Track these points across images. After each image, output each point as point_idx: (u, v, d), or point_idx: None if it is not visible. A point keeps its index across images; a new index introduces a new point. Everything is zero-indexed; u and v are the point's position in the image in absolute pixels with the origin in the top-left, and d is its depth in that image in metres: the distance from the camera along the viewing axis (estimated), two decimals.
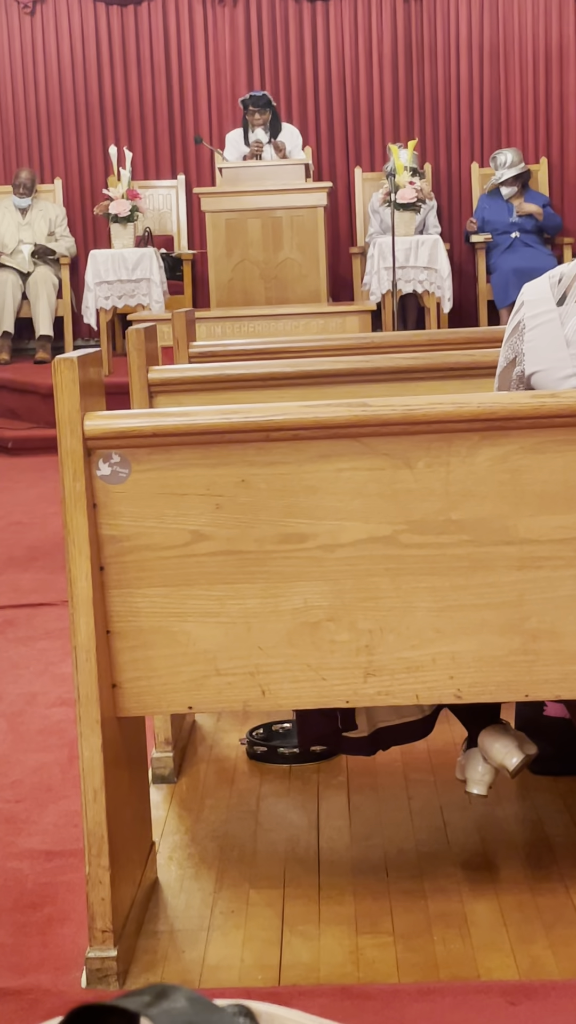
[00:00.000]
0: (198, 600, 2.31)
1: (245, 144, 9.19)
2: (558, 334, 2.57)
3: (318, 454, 2.27)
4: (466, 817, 2.89)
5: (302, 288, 8.45)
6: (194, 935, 2.46)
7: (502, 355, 2.69)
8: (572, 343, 2.55)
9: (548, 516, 2.26)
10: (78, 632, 2.27)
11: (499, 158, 9.45)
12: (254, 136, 9.14)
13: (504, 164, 9.39)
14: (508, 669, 2.31)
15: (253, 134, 9.17)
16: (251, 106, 9.15)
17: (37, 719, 3.58)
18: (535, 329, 2.60)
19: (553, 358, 2.57)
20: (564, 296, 2.58)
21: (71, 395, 2.23)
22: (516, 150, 9.56)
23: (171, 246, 9.98)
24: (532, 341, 2.60)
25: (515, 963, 2.31)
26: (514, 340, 2.65)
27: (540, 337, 2.59)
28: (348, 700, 2.35)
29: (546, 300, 2.60)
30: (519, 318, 2.64)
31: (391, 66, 10.13)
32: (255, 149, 9.05)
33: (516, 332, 2.64)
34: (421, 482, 2.26)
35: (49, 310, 9.14)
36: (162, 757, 3.18)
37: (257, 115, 9.15)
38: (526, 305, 2.63)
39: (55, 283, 9.20)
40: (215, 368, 3.51)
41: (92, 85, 10.20)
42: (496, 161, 9.46)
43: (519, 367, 2.63)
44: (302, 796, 3.06)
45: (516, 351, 2.64)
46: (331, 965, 2.34)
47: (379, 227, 9.31)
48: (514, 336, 2.65)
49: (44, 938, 2.45)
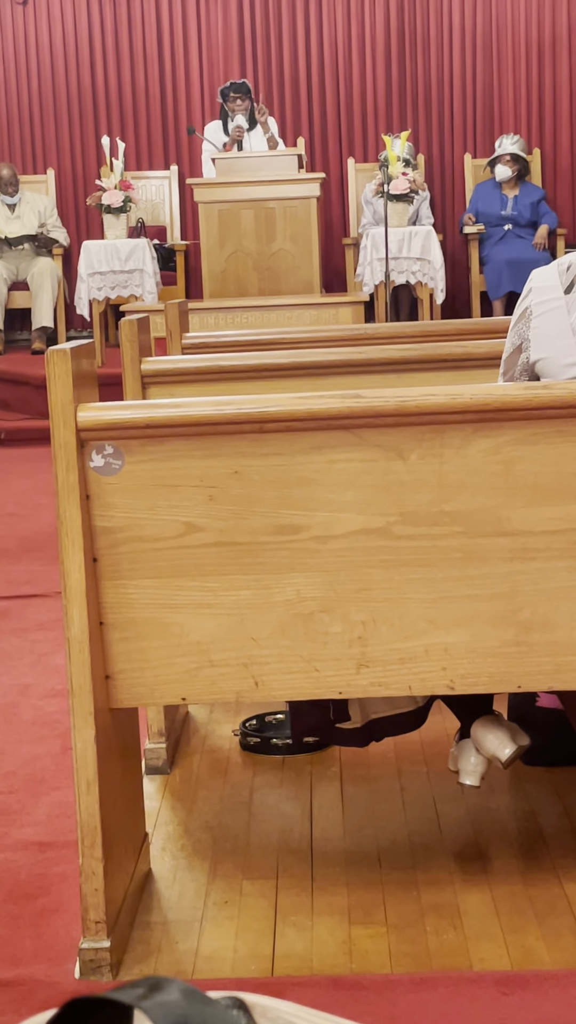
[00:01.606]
0: (191, 591, 2.31)
1: (224, 133, 9.16)
2: (564, 322, 2.57)
3: (311, 446, 2.26)
4: (459, 808, 2.90)
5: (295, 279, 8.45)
6: (187, 926, 2.46)
7: (508, 341, 2.70)
8: None
9: (541, 508, 2.27)
10: (71, 624, 2.27)
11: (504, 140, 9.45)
12: (234, 123, 9.11)
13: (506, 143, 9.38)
14: (501, 660, 2.31)
15: (233, 121, 9.14)
16: (232, 92, 9.13)
17: (30, 710, 3.58)
18: (542, 316, 2.60)
19: (559, 345, 2.57)
20: (572, 284, 2.58)
21: (64, 386, 2.23)
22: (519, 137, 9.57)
23: (164, 237, 9.96)
24: (538, 328, 2.60)
25: (507, 953, 2.32)
26: (521, 326, 2.65)
27: (546, 324, 2.59)
28: (341, 691, 2.35)
29: (554, 287, 2.60)
30: (526, 304, 2.64)
31: (384, 57, 10.12)
32: (236, 135, 9.02)
33: (523, 318, 2.64)
34: (414, 474, 2.26)
35: (50, 302, 9.12)
36: (155, 748, 3.18)
37: (239, 101, 9.13)
38: (534, 292, 2.63)
39: (58, 275, 9.18)
40: (208, 359, 3.51)
41: (85, 75, 10.18)
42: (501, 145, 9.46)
43: (525, 353, 2.63)
44: (295, 787, 3.06)
45: (522, 337, 2.64)
46: (324, 956, 2.34)
47: (372, 218, 9.30)
48: (521, 322, 2.65)
49: (37, 929, 2.45)
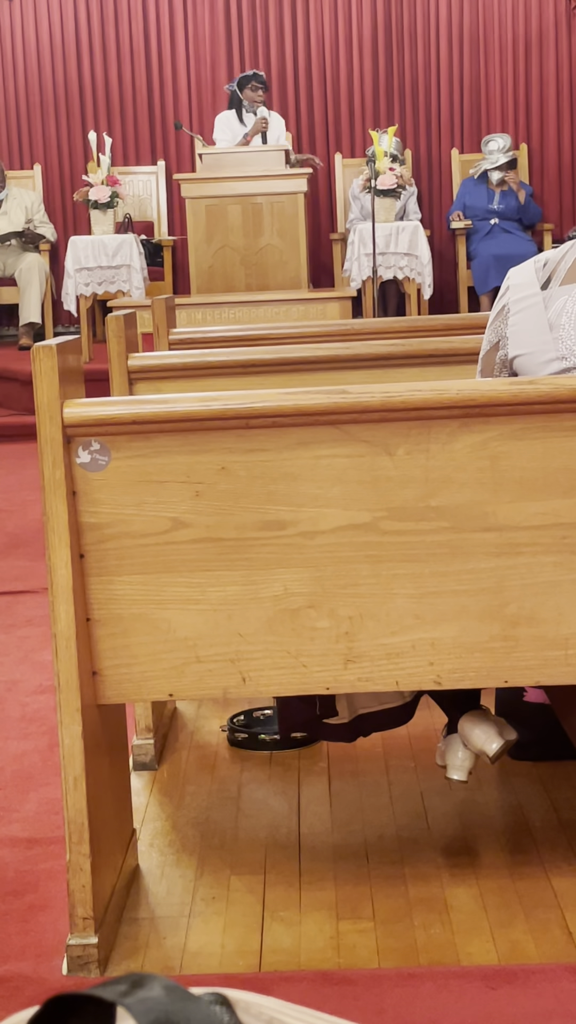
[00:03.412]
0: (178, 587, 2.31)
1: (241, 123, 9.13)
2: (542, 318, 2.57)
3: (298, 441, 2.26)
4: (446, 803, 2.90)
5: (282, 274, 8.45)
6: (175, 922, 2.47)
7: (486, 339, 2.70)
8: (555, 327, 2.55)
9: (527, 503, 2.27)
10: (58, 620, 2.27)
11: (491, 144, 9.44)
12: (259, 115, 9.08)
13: (498, 149, 9.38)
14: (488, 655, 2.32)
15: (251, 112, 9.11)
16: (253, 81, 9.11)
17: (17, 707, 3.58)
18: (519, 313, 2.60)
19: (536, 341, 2.57)
20: (548, 280, 2.58)
21: (50, 382, 2.23)
22: (507, 135, 9.57)
23: (151, 232, 9.95)
24: (516, 325, 2.60)
25: (495, 948, 2.32)
26: (498, 324, 2.65)
27: (524, 321, 2.59)
28: (328, 687, 2.35)
29: (531, 284, 2.60)
30: (504, 302, 2.64)
31: (371, 52, 10.12)
32: (261, 125, 8.98)
33: (500, 316, 2.64)
34: (401, 469, 2.26)
35: (38, 298, 9.11)
36: (143, 744, 3.18)
37: (261, 92, 9.12)
38: (511, 289, 2.64)
39: (45, 271, 9.17)
40: (195, 355, 3.51)
41: (71, 71, 10.16)
42: (488, 147, 9.45)
43: (503, 351, 2.63)
44: (283, 782, 3.07)
45: (500, 335, 2.64)
46: (312, 951, 2.34)
47: (359, 213, 9.30)
48: (498, 320, 2.65)
49: (25, 925, 2.45)
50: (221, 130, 9.20)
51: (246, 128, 9.09)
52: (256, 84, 9.12)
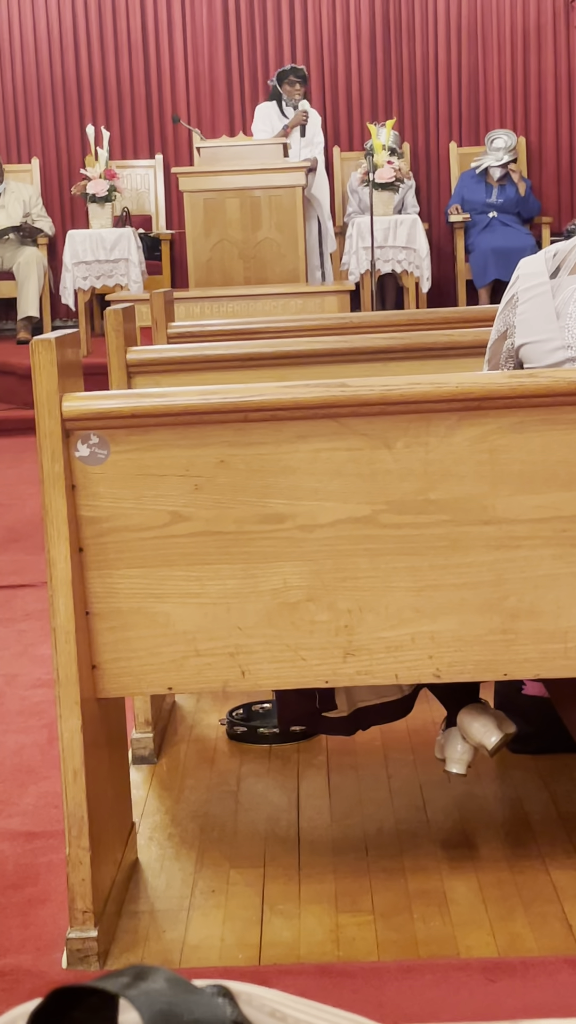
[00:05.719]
0: (177, 581, 2.31)
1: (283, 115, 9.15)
2: (550, 306, 2.58)
3: (296, 435, 2.26)
4: (445, 796, 2.90)
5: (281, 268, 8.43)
6: (174, 915, 2.47)
7: (495, 328, 2.71)
8: (562, 315, 2.56)
9: (526, 496, 2.27)
10: (57, 613, 2.27)
11: (497, 141, 9.43)
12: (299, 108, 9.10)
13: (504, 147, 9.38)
14: (487, 648, 2.32)
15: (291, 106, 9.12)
16: (291, 76, 9.13)
17: (17, 700, 3.58)
18: (528, 302, 2.61)
19: (543, 330, 2.58)
20: (558, 269, 2.60)
21: (49, 376, 2.23)
22: (512, 132, 9.57)
23: (149, 226, 9.94)
24: (524, 313, 2.61)
25: (494, 940, 2.32)
26: (507, 313, 2.66)
27: (531, 309, 2.60)
28: (328, 680, 2.35)
29: (540, 274, 2.62)
30: (514, 291, 2.65)
31: (369, 45, 10.10)
32: (301, 118, 9.02)
33: (509, 305, 2.66)
34: (400, 462, 2.26)
35: (36, 291, 9.09)
36: (142, 738, 3.18)
37: (299, 85, 9.14)
38: (521, 279, 2.65)
39: (43, 265, 9.15)
40: (194, 349, 3.51)
41: (69, 64, 10.14)
42: (494, 144, 9.44)
43: (510, 339, 2.64)
44: (282, 776, 3.07)
45: (508, 324, 2.65)
46: (311, 944, 2.34)
47: (358, 207, 9.30)
48: (507, 309, 2.66)
49: (25, 919, 2.45)
50: (261, 120, 9.21)
51: (286, 120, 9.11)
52: (294, 78, 9.14)
